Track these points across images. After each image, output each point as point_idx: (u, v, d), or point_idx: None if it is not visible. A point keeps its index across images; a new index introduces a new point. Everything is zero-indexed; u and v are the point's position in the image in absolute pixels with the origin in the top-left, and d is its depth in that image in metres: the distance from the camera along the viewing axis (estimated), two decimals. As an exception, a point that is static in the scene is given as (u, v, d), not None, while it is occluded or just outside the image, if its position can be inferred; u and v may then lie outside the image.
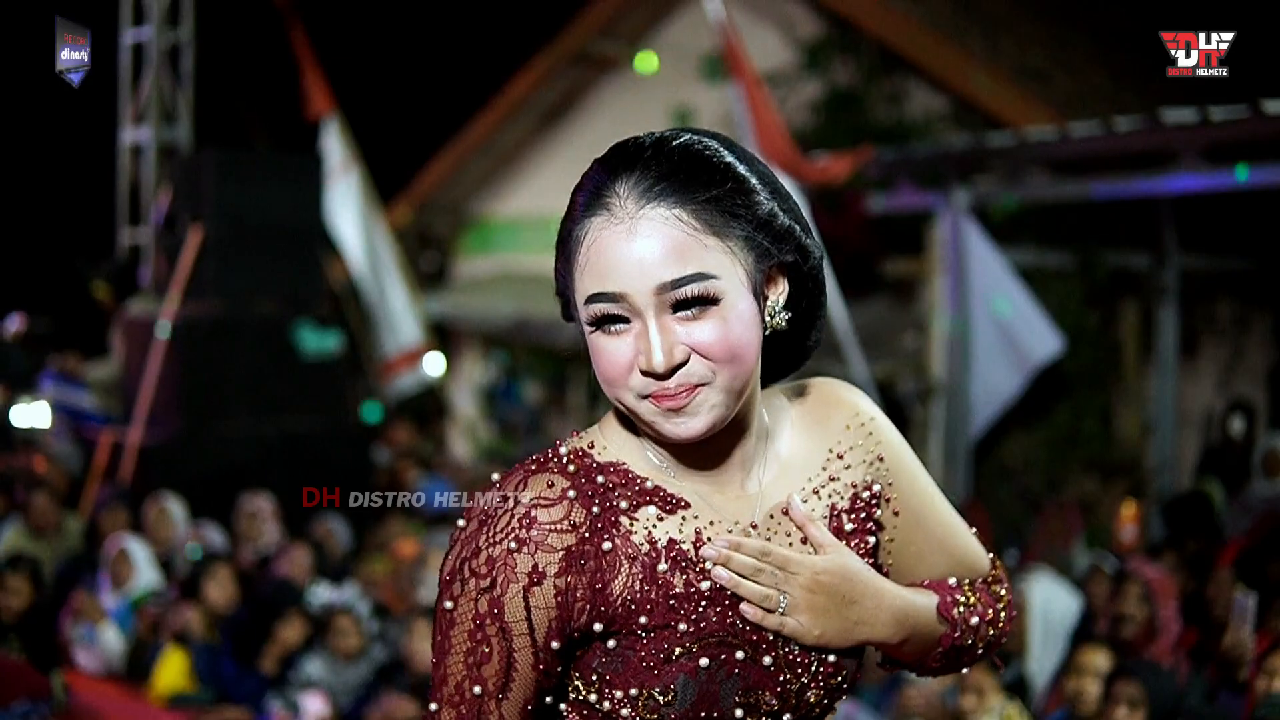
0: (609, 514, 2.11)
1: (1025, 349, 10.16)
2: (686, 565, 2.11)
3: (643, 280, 2.01)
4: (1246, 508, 10.61)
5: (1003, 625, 2.41)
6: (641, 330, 2.04)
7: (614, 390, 2.09)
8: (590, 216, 2.05)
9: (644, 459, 2.18)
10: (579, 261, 2.06)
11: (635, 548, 2.10)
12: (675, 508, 2.14)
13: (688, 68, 15.50)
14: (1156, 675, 6.14)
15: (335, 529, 9.56)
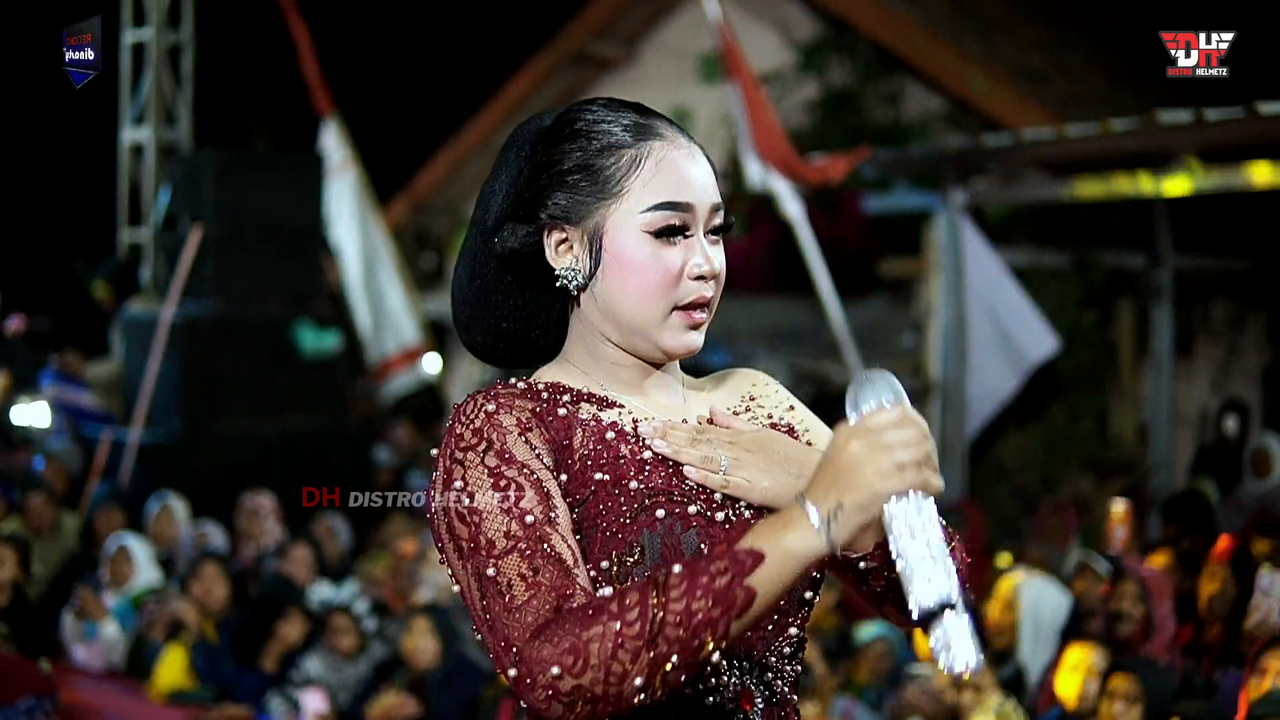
0: (553, 402, 2.28)
1: (1022, 349, 10.21)
2: (630, 438, 2.28)
3: (706, 197, 2.31)
4: (1239, 506, 10.66)
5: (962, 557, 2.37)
6: (695, 242, 2.30)
7: (654, 298, 2.29)
8: (647, 140, 2.30)
9: (577, 378, 2.36)
10: (637, 175, 2.28)
11: (583, 420, 2.27)
12: (609, 405, 2.33)
13: (685, 69, 15.56)
14: (1152, 671, 6.19)
15: (336, 528, 9.59)
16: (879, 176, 11.81)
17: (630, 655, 1.96)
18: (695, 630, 1.96)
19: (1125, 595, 7.06)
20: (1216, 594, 7.52)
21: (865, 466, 1.97)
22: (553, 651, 1.97)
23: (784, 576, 1.99)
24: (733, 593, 1.97)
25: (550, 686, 1.97)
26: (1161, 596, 7.12)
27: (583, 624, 1.98)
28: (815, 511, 1.98)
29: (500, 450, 2.16)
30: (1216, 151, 8.71)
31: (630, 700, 1.99)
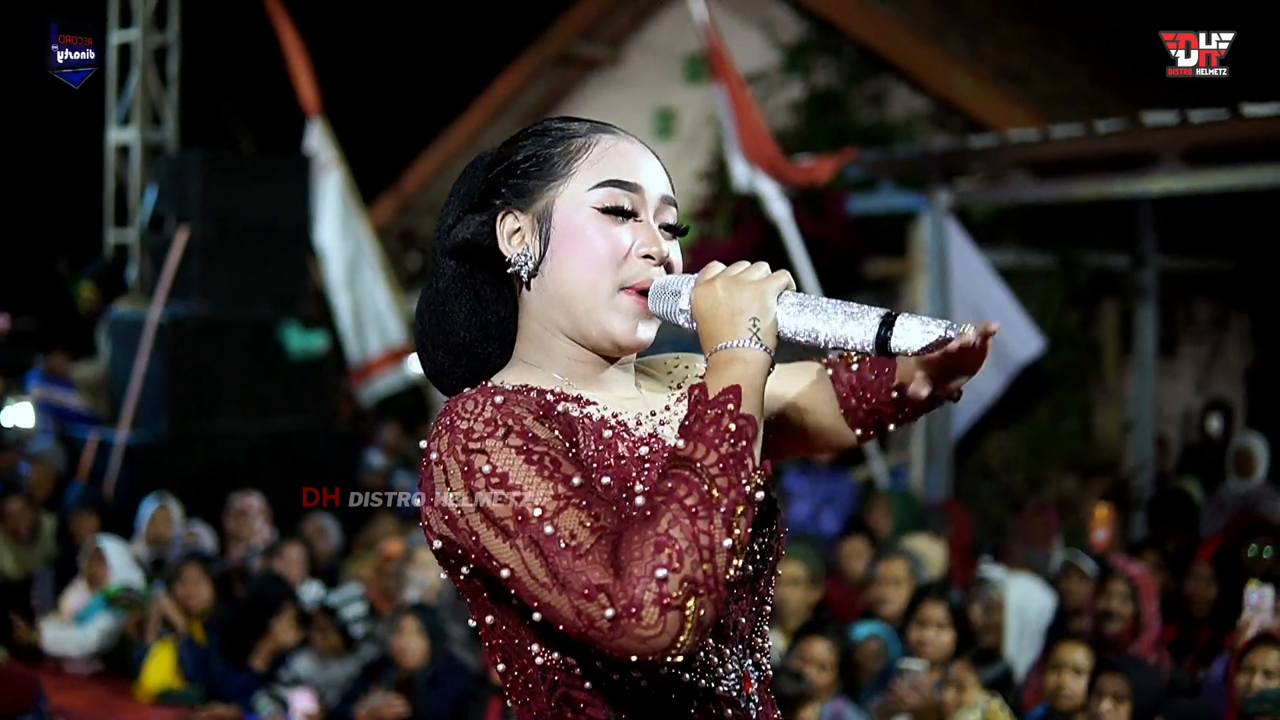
0: (550, 404, 2.29)
1: (1006, 349, 10.23)
2: (624, 434, 2.31)
3: (655, 185, 2.39)
4: (1222, 506, 10.70)
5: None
6: (646, 224, 2.37)
7: (600, 273, 2.33)
8: (598, 133, 2.39)
9: (544, 379, 2.37)
10: (584, 158, 2.36)
11: (578, 418, 2.29)
12: (586, 404, 2.33)
13: (671, 69, 15.57)
14: (1141, 670, 6.21)
15: (326, 528, 9.60)
16: (864, 177, 11.84)
17: (708, 520, 2.00)
18: (736, 469, 2.05)
19: (1114, 594, 7.10)
20: (1200, 594, 7.58)
21: (740, 289, 2.19)
22: (644, 564, 1.98)
23: (759, 398, 2.13)
24: (740, 424, 2.08)
25: (662, 597, 1.96)
26: (1149, 596, 7.16)
27: (650, 524, 2.01)
28: (740, 339, 2.16)
29: (522, 431, 2.14)
30: (1201, 153, 8.75)
31: (726, 573, 2.01)
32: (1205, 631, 7.52)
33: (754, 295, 2.18)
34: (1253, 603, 6.54)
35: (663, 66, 15.71)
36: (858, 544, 8.48)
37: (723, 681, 2.31)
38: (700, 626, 2.00)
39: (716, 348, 2.17)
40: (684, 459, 2.05)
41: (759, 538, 2.38)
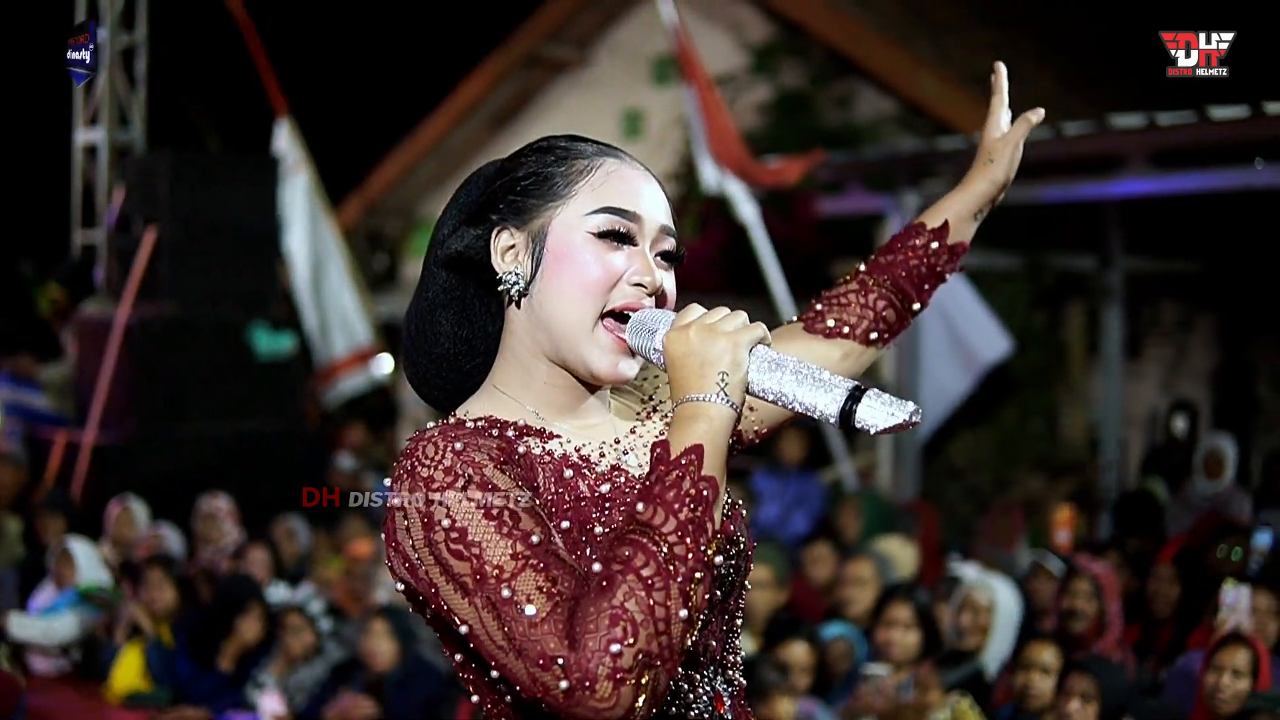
0: (504, 440, 2.29)
1: (974, 350, 10.27)
2: (585, 471, 2.31)
3: (655, 214, 2.37)
4: (1189, 506, 10.74)
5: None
6: (641, 253, 2.35)
7: (587, 298, 2.33)
8: (604, 156, 2.38)
9: (513, 410, 2.38)
10: (586, 181, 2.35)
11: (538, 457, 2.29)
12: (549, 437, 2.34)
13: (638, 71, 15.59)
14: (1108, 670, 6.26)
15: (295, 529, 9.59)
16: (833, 179, 11.87)
17: (663, 593, 2.01)
18: (695, 536, 2.05)
19: (1078, 593, 7.15)
20: (1164, 594, 7.64)
21: (714, 339, 2.17)
22: (599, 637, 1.99)
23: (722, 456, 2.13)
24: (699, 489, 2.07)
25: (615, 671, 1.97)
26: (1113, 594, 7.22)
27: (606, 596, 2.01)
28: (707, 394, 2.14)
29: (481, 482, 2.14)
30: (1168, 156, 8.81)
31: (680, 643, 2.03)
32: (1168, 631, 7.57)
33: (726, 347, 2.16)
34: (1229, 602, 6.61)
35: (630, 68, 15.73)
36: (822, 549, 8.50)
37: (694, 706, 2.33)
38: (654, 696, 2.01)
39: (683, 399, 2.17)
40: (643, 524, 2.05)
41: (728, 558, 2.38)
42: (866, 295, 2.80)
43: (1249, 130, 7.97)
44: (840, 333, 2.78)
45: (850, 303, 2.81)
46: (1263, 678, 6.06)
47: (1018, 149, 2.89)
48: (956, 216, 2.88)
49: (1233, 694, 5.99)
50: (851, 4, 13.28)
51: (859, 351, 2.80)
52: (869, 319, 2.79)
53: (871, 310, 2.79)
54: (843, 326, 2.78)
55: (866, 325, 2.79)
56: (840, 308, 2.80)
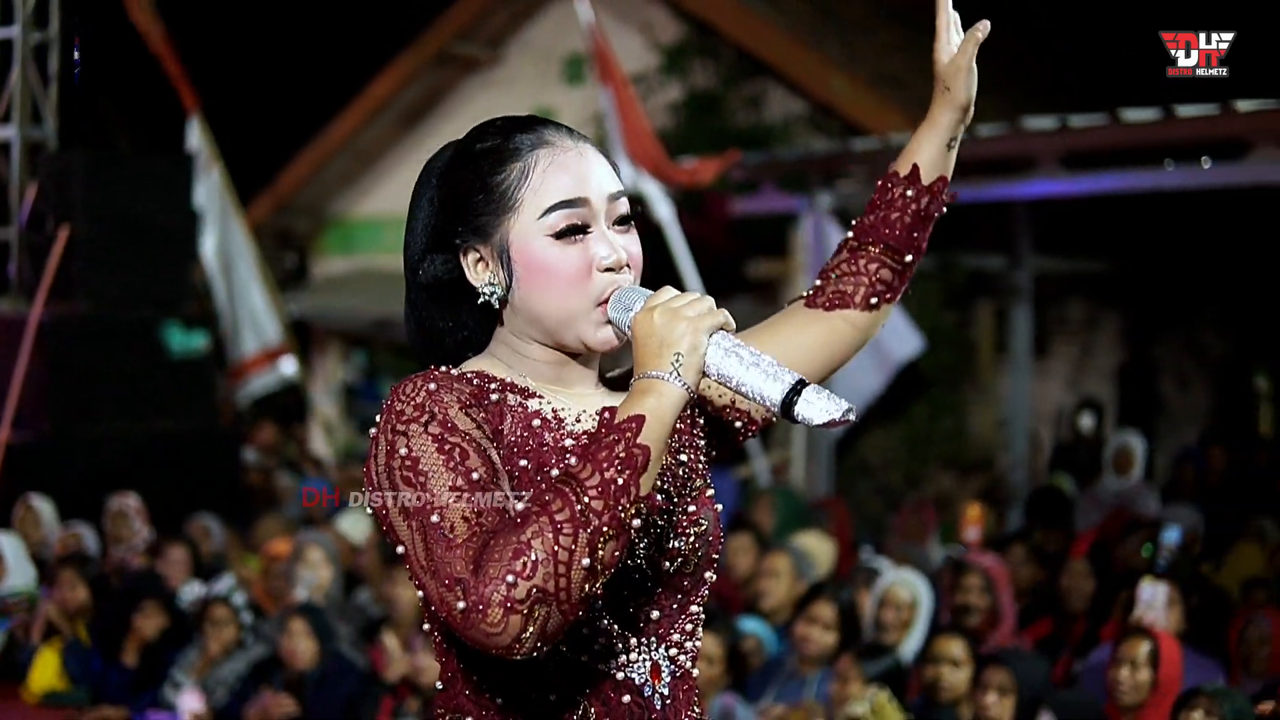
0: (483, 390, 2.42)
1: (887, 348, 10.34)
2: (553, 425, 2.43)
3: (599, 188, 2.44)
4: (1097, 502, 10.89)
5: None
6: (599, 235, 2.43)
7: (572, 294, 2.42)
8: (534, 150, 2.43)
9: (501, 369, 2.50)
10: (526, 187, 2.42)
11: (510, 407, 2.41)
12: (531, 395, 2.46)
13: (550, 70, 15.60)
14: (1025, 663, 6.34)
15: (210, 528, 9.56)
16: (746, 179, 11.92)
17: (570, 538, 2.11)
18: (615, 496, 2.15)
19: (970, 588, 7.26)
20: (1077, 589, 7.75)
21: (675, 322, 2.27)
22: (499, 566, 2.10)
23: (664, 430, 2.23)
24: (631, 454, 2.18)
25: (506, 600, 2.08)
26: (1003, 587, 7.33)
27: (517, 531, 2.13)
28: (661, 372, 2.26)
29: (443, 420, 2.28)
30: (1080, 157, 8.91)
31: (579, 590, 2.13)
32: (1080, 626, 7.69)
33: (686, 330, 2.27)
34: (1145, 599, 6.72)
35: (542, 67, 15.75)
36: (744, 540, 8.55)
37: (625, 669, 2.44)
38: (543, 633, 2.12)
39: (639, 375, 2.29)
40: (570, 476, 2.17)
41: (687, 539, 2.50)
42: (857, 261, 2.85)
43: (1160, 133, 8.09)
44: (840, 303, 2.83)
45: (844, 272, 2.86)
46: (1170, 671, 6.17)
47: (972, 70, 2.89)
48: (927, 156, 2.89)
49: (1132, 686, 6.09)
50: (762, 5, 13.35)
51: (863, 318, 2.84)
52: (865, 284, 2.83)
53: (865, 275, 2.84)
54: (841, 297, 2.84)
55: (865, 290, 2.83)
56: (837, 279, 2.86)
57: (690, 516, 2.51)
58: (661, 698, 2.47)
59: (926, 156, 2.89)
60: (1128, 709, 6.10)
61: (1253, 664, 6.87)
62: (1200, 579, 8.17)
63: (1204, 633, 7.16)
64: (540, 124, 2.49)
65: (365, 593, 8.70)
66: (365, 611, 8.39)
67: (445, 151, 2.59)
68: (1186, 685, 5.96)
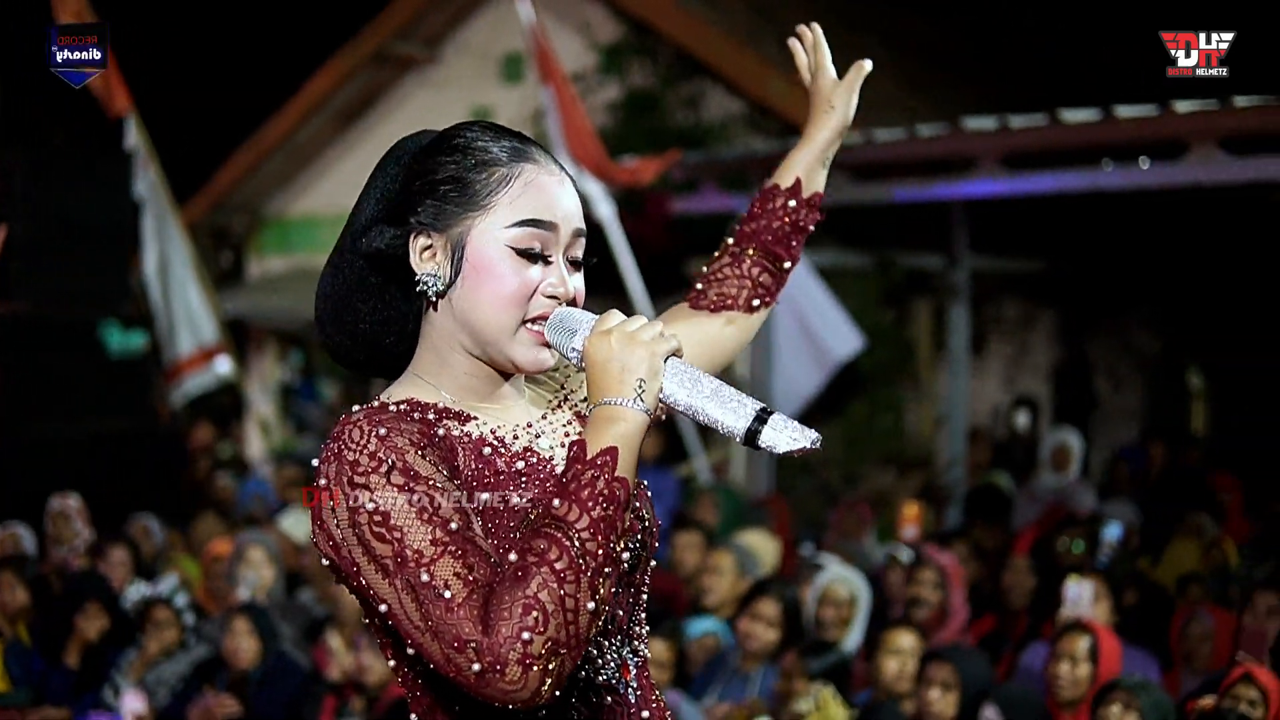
0: (425, 423, 2.38)
1: (826, 347, 10.37)
2: (501, 450, 2.42)
3: (569, 221, 2.45)
4: (1034, 498, 10.99)
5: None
6: (556, 264, 2.44)
7: (507, 309, 2.42)
8: (521, 161, 2.43)
9: (429, 393, 2.47)
10: (505, 192, 2.41)
11: (457, 438, 2.39)
12: (466, 419, 2.44)
13: (487, 69, 15.58)
14: (968, 658, 6.40)
15: (150, 528, 9.53)
16: (687, 179, 11.94)
17: (574, 585, 2.12)
18: (606, 534, 2.16)
19: (924, 582, 7.33)
20: (1019, 585, 7.83)
21: (632, 348, 2.28)
22: (511, 624, 2.09)
23: (635, 458, 2.25)
24: (613, 489, 2.19)
25: (525, 656, 2.08)
26: (957, 584, 7.40)
27: (521, 585, 2.11)
28: (625, 398, 2.26)
29: (404, 469, 2.24)
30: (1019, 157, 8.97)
31: (587, 632, 2.15)
32: (1023, 622, 7.76)
33: (645, 356, 2.28)
34: (1071, 597, 6.79)
35: (479, 66, 15.73)
36: (692, 537, 8.56)
37: (603, 671, 2.46)
38: (560, 680, 2.14)
39: (602, 401, 2.28)
40: (558, 519, 2.16)
41: (635, 536, 2.50)
42: (740, 265, 2.98)
43: (1098, 133, 8.16)
44: (724, 305, 2.96)
45: (727, 275, 2.98)
46: (1108, 665, 6.24)
47: (854, 94, 3.06)
48: (807, 169, 3.03)
49: (1071, 680, 6.17)
50: (700, 5, 13.38)
51: (745, 319, 2.99)
52: (748, 287, 2.97)
53: (748, 278, 2.97)
54: (725, 299, 2.96)
55: (747, 293, 2.97)
56: (719, 281, 2.98)
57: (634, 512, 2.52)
58: (633, 690, 2.51)
59: (805, 170, 3.03)
60: (1068, 704, 6.17)
61: (1194, 660, 6.96)
62: (1139, 575, 8.28)
63: (1142, 628, 7.26)
64: (530, 143, 2.50)
65: (308, 592, 8.70)
66: (308, 611, 8.39)
67: (425, 134, 2.58)
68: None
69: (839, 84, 3.05)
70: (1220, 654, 6.83)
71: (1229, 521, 9.87)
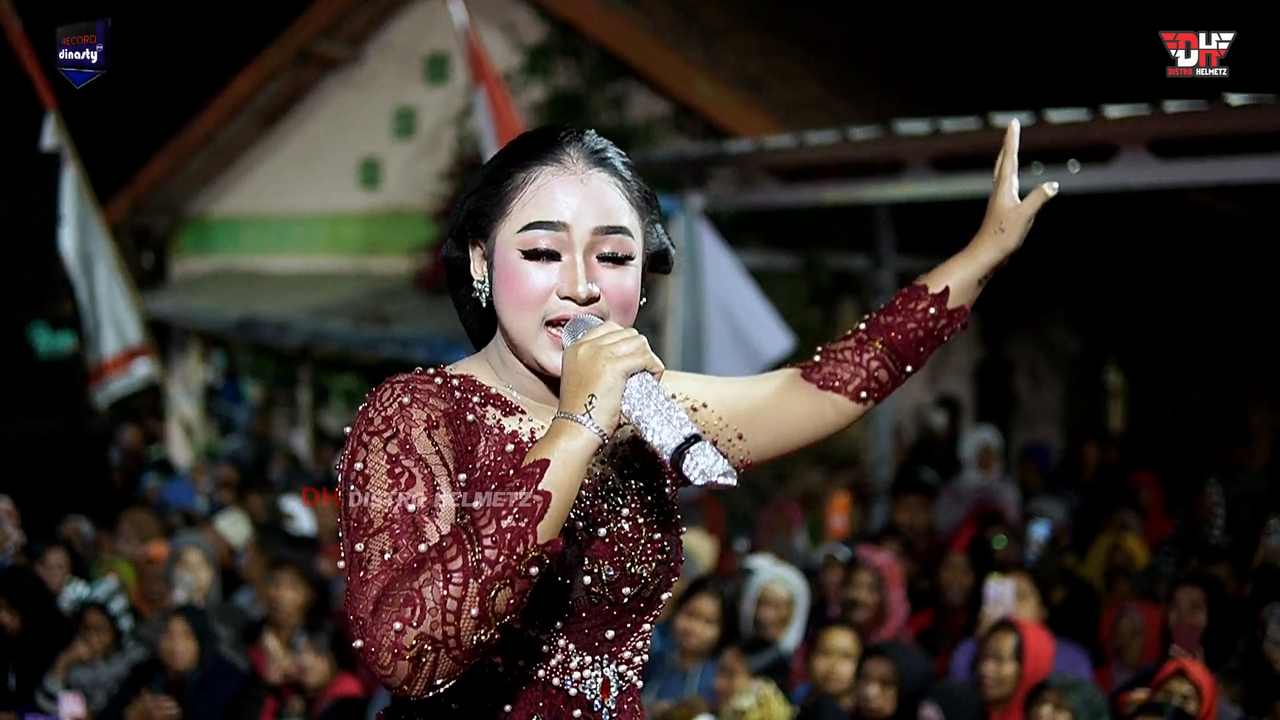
0: (464, 404, 2.46)
1: (757, 347, 10.41)
2: (527, 448, 2.47)
3: (584, 219, 2.45)
4: (958, 497, 11.10)
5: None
6: (569, 264, 2.44)
7: (523, 312, 2.46)
8: (540, 165, 2.46)
9: (489, 375, 2.57)
10: (519, 198, 2.46)
11: (488, 427, 2.46)
12: (513, 411, 2.52)
13: (411, 69, 15.58)
14: (907, 655, 6.49)
15: (82, 530, 9.48)
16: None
17: (460, 588, 2.15)
18: (511, 545, 2.18)
19: (860, 584, 7.41)
20: (956, 583, 7.92)
21: (595, 362, 2.29)
22: (390, 612, 2.15)
23: (571, 474, 2.25)
24: (531, 501, 2.21)
25: (395, 646, 2.14)
26: (894, 584, 7.48)
27: (411, 577, 2.17)
28: (574, 413, 2.28)
29: (403, 440, 2.33)
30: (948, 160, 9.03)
31: (470, 638, 2.17)
32: (960, 618, 7.85)
33: (604, 371, 2.29)
34: (993, 596, 6.90)
35: (403, 66, 15.72)
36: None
37: (579, 684, 2.51)
38: (433, 676, 2.17)
39: (558, 414, 2.31)
40: (469, 523, 2.21)
41: (649, 566, 2.56)
42: (862, 354, 2.93)
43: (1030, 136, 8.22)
44: (832, 385, 2.91)
45: (846, 359, 2.93)
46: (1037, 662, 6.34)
47: (1030, 221, 2.95)
48: (960, 283, 2.97)
49: (998, 679, 6.27)
50: (625, 6, 13.43)
51: (849, 407, 2.94)
52: (861, 377, 2.91)
53: (864, 369, 2.92)
54: (834, 380, 2.91)
55: (859, 383, 2.91)
56: (836, 362, 2.93)
57: (655, 544, 2.57)
58: (609, 712, 2.55)
59: (958, 283, 2.96)
60: (997, 702, 6.27)
61: (1126, 655, 7.07)
62: (1066, 573, 8.40)
63: (1071, 625, 7.37)
64: (571, 142, 2.51)
65: (246, 594, 8.69)
66: (245, 613, 8.38)
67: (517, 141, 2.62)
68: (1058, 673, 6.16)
69: (1018, 207, 2.95)
70: (1150, 648, 6.95)
71: (1149, 519, 10.02)
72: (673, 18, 13.79)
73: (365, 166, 16.47)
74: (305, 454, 15.60)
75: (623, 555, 2.51)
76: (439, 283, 14.59)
